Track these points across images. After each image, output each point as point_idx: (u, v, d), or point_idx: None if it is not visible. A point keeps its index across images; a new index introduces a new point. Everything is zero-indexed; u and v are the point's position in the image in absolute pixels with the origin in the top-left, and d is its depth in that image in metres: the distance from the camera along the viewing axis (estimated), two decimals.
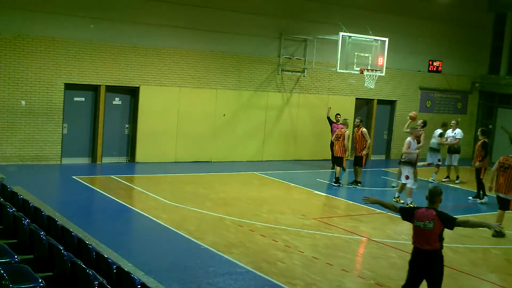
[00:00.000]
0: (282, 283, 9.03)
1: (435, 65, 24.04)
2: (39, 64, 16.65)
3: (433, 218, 7.48)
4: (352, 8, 21.41)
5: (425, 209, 7.64)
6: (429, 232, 7.48)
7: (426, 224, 7.50)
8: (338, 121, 19.79)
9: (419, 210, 7.67)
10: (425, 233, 7.51)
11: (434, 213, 7.51)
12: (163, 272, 9.14)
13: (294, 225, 12.39)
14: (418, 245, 7.62)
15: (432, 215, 7.50)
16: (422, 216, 7.57)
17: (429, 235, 7.49)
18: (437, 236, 7.53)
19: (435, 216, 7.48)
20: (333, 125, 19.75)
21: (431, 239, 7.50)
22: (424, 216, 7.55)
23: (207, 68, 19.31)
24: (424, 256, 7.60)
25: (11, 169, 15.73)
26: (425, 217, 7.53)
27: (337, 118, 19.73)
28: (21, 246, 7.41)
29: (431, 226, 7.47)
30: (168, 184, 15.89)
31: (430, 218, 7.49)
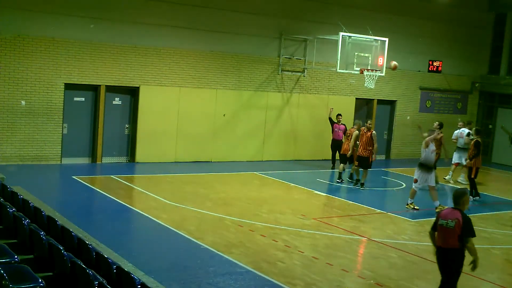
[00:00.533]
0: (282, 283, 9.03)
1: (435, 65, 24.04)
2: (39, 64, 16.65)
3: (456, 218, 7.75)
4: (352, 8, 21.41)
5: (451, 209, 7.95)
6: (451, 231, 7.75)
7: (448, 223, 7.80)
8: (340, 121, 19.77)
9: (444, 211, 8.06)
10: (447, 232, 7.79)
11: (459, 215, 7.79)
12: (163, 272, 9.14)
13: (294, 225, 12.39)
14: (441, 243, 7.93)
15: (455, 216, 7.79)
16: (446, 215, 7.89)
17: (451, 233, 7.76)
18: (458, 236, 7.76)
19: (460, 218, 7.75)
20: (334, 125, 19.75)
21: (451, 238, 7.76)
22: (448, 215, 7.86)
23: (207, 68, 19.31)
24: (446, 254, 7.89)
25: (11, 169, 15.73)
26: (449, 216, 7.83)
27: (339, 118, 19.70)
28: (21, 246, 7.40)
29: (452, 225, 7.74)
30: (168, 184, 15.89)
31: (453, 217, 7.78)
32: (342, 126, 19.79)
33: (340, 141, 19.66)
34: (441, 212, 8.03)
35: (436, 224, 8.03)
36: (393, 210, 14.68)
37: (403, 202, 15.43)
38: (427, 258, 10.91)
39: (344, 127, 19.84)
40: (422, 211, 14.71)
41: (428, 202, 15.05)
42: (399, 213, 14.19)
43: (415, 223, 13.52)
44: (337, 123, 19.67)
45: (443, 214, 7.94)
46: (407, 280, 9.69)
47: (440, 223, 7.89)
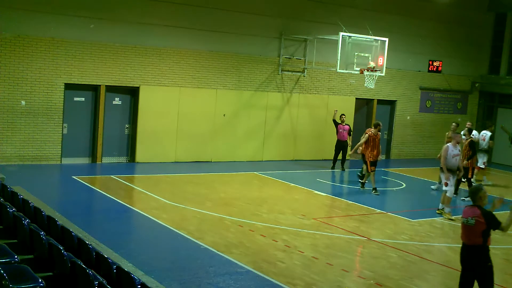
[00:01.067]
0: (282, 283, 9.03)
1: (435, 65, 24.06)
2: (39, 64, 16.66)
3: (475, 215, 7.81)
4: (352, 8, 21.41)
5: (469, 206, 8.05)
6: (472, 228, 7.84)
7: (468, 220, 7.88)
8: (343, 121, 19.68)
9: (464, 208, 8.13)
10: (468, 229, 7.89)
11: (479, 212, 7.84)
12: (163, 272, 9.14)
13: (294, 225, 12.39)
14: (464, 240, 8.04)
15: (475, 213, 7.84)
16: (466, 212, 7.99)
17: (472, 231, 7.84)
18: (480, 233, 7.81)
19: (480, 214, 7.80)
20: (338, 126, 19.63)
21: (472, 235, 7.85)
22: (467, 213, 7.94)
23: (207, 68, 19.31)
24: (468, 251, 7.97)
25: (11, 169, 15.73)
26: (468, 214, 7.91)
27: (342, 118, 19.63)
28: (21, 246, 7.40)
29: (472, 222, 7.82)
30: (168, 184, 15.89)
31: (472, 215, 7.84)
32: (347, 126, 19.68)
33: (345, 142, 19.54)
34: (463, 210, 8.14)
35: None
36: (393, 210, 14.68)
37: (403, 202, 15.45)
38: (427, 258, 10.92)
39: (349, 127, 19.76)
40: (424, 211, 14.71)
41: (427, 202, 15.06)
42: (399, 213, 14.19)
43: (415, 223, 13.51)
44: (341, 123, 19.60)
45: (463, 211, 8.06)
46: (407, 280, 9.69)
47: (462, 220, 8.02)
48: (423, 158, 24.50)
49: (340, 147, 19.65)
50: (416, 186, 18.42)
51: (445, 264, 10.64)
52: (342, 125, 19.60)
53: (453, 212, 14.04)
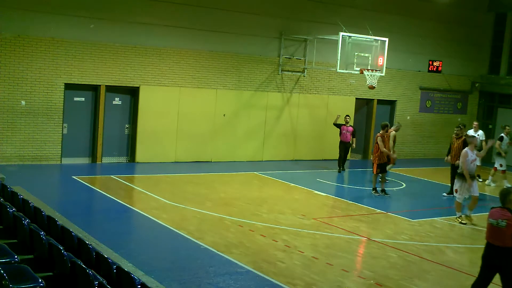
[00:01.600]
0: (282, 283, 9.03)
1: (435, 65, 24.06)
2: (39, 64, 16.66)
3: (506, 217, 8.00)
4: (352, 8, 21.41)
5: (499, 208, 8.17)
6: (503, 230, 8.01)
7: (498, 223, 8.06)
8: (348, 122, 19.44)
9: (494, 209, 8.25)
10: (498, 231, 8.06)
11: (509, 214, 8.02)
12: (163, 272, 9.14)
13: (294, 225, 12.39)
14: (491, 241, 8.20)
15: (506, 215, 8.03)
16: (494, 214, 8.16)
17: (502, 233, 8.01)
18: (510, 235, 8.01)
19: (510, 217, 7.99)
20: (342, 127, 19.44)
21: (503, 237, 8.02)
22: (496, 214, 8.13)
23: (207, 68, 19.31)
24: (496, 251, 8.14)
25: (11, 169, 15.73)
26: (497, 216, 8.10)
27: (347, 119, 19.44)
28: (21, 246, 7.40)
29: (503, 224, 8.00)
30: (168, 184, 15.89)
31: (503, 217, 8.03)
32: (350, 128, 19.41)
33: (348, 143, 19.36)
34: (490, 211, 8.28)
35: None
36: (393, 210, 14.68)
37: (403, 202, 15.46)
38: (427, 258, 10.92)
39: (353, 129, 19.48)
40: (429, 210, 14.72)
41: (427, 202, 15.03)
42: (399, 213, 14.19)
43: (415, 223, 13.51)
44: (345, 124, 19.37)
45: (491, 213, 8.22)
46: (406, 280, 9.69)
47: (489, 222, 8.17)
48: (423, 158, 24.51)
49: (344, 148, 19.47)
50: (416, 186, 18.42)
51: (445, 264, 10.64)
52: (346, 126, 19.35)
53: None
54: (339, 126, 19.59)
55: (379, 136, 16.08)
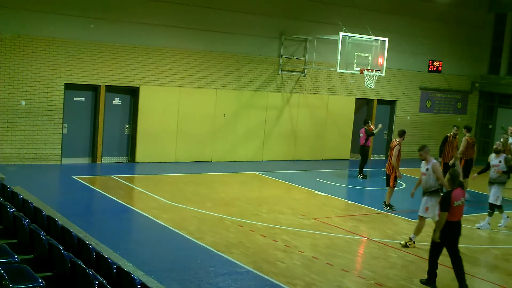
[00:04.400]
0: (282, 283, 9.03)
1: (435, 65, 24.05)
2: (39, 64, 16.66)
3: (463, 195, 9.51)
4: (352, 8, 21.39)
5: (456, 189, 9.38)
6: (463, 207, 9.53)
7: (463, 201, 9.43)
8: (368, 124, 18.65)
9: (454, 192, 9.32)
10: (462, 208, 9.48)
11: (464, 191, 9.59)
12: (163, 272, 9.14)
13: (294, 225, 12.39)
14: (460, 218, 9.45)
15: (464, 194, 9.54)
16: (458, 195, 9.37)
17: (463, 208, 9.55)
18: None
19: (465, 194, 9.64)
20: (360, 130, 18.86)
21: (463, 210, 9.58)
22: (460, 195, 9.41)
23: (207, 68, 19.31)
24: (460, 225, 9.54)
25: (11, 169, 15.73)
26: (461, 195, 9.44)
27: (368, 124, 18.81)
28: (21, 246, 7.40)
29: (464, 200, 9.49)
30: (168, 184, 15.88)
31: (464, 195, 9.54)
32: (362, 129, 18.76)
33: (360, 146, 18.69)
34: (452, 195, 9.22)
35: (450, 205, 9.18)
36: (393, 210, 14.65)
37: (403, 202, 15.41)
38: (427, 258, 10.90)
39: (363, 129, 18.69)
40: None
41: None
42: (399, 213, 14.18)
43: (415, 223, 13.48)
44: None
45: (455, 196, 9.24)
46: (406, 280, 9.69)
47: (457, 204, 9.25)
48: None
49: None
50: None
51: (445, 264, 10.63)
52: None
53: None
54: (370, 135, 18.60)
55: (398, 145, 14.62)
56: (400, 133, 15.08)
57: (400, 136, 14.97)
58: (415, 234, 11.56)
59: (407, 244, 11.40)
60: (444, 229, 9.23)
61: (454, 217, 9.28)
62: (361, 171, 18.68)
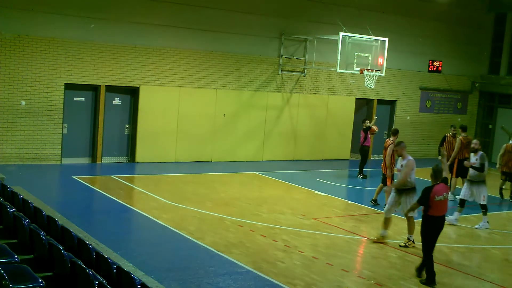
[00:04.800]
0: (282, 283, 9.03)
1: (435, 65, 24.07)
2: (39, 64, 16.66)
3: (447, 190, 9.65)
4: (352, 8, 21.40)
5: (437, 185, 9.55)
6: (447, 201, 9.66)
7: (445, 196, 9.55)
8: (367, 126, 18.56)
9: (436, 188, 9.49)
10: (446, 203, 9.65)
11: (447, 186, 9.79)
12: (163, 272, 9.14)
13: (294, 225, 12.39)
14: (441, 213, 9.59)
15: (446, 188, 9.65)
16: (440, 191, 9.52)
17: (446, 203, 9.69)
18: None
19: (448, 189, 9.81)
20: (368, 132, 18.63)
21: (447, 205, 9.70)
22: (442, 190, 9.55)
23: (207, 68, 19.31)
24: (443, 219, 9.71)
25: (11, 169, 15.73)
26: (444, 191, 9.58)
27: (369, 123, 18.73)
28: (21, 246, 7.40)
29: (447, 196, 9.61)
30: (168, 184, 15.89)
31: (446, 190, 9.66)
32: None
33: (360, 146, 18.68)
34: (433, 190, 9.42)
35: (431, 200, 9.39)
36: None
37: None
38: None
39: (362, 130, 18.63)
40: None
41: None
42: (399, 213, 14.17)
43: (415, 223, 13.48)
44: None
45: (437, 191, 9.43)
46: (407, 280, 9.69)
47: (439, 199, 9.41)
48: (423, 158, 24.48)
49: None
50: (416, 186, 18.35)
51: (445, 264, 10.64)
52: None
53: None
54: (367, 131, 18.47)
55: (392, 144, 14.09)
56: (394, 132, 15.06)
57: (394, 135, 14.88)
58: (410, 233, 11.52)
59: (406, 244, 11.40)
60: (425, 223, 9.53)
61: (435, 211, 9.44)
62: (361, 171, 18.71)
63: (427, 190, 9.47)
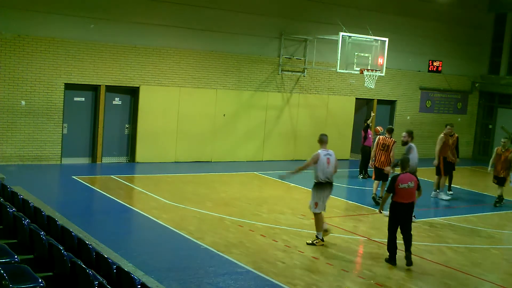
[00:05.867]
0: (282, 283, 9.03)
1: (435, 65, 24.06)
2: (39, 64, 16.66)
3: (413, 179, 10.37)
4: (352, 8, 21.41)
5: (403, 174, 10.36)
6: (412, 190, 10.36)
7: (409, 185, 10.27)
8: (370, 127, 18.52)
9: (401, 176, 10.30)
10: (410, 191, 10.31)
11: (414, 177, 10.47)
12: (163, 272, 9.14)
13: (294, 225, 12.39)
14: (404, 200, 10.27)
15: (412, 178, 10.38)
16: (405, 179, 10.28)
17: (412, 191, 10.37)
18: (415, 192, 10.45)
19: (415, 179, 10.44)
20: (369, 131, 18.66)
21: (413, 195, 10.40)
22: (407, 179, 10.30)
23: (207, 68, 19.31)
24: (408, 207, 10.38)
25: (11, 169, 15.73)
26: (408, 180, 10.30)
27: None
28: (21, 246, 7.40)
29: (412, 185, 10.34)
30: (168, 184, 15.88)
31: (411, 179, 10.35)
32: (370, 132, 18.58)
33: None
34: (399, 178, 10.22)
35: (396, 187, 10.18)
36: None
37: None
38: (427, 258, 10.92)
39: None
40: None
41: (427, 202, 15.00)
42: None
43: (415, 223, 13.49)
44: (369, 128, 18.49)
45: (401, 179, 10.22)
46: (407, 280, 9.69)
47: (402, 186, 10.19)
48: (423, 158, 24.46)
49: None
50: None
51: (445, 264, 10.64)
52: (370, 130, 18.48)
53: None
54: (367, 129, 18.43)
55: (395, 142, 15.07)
56: (390, 130, 15.63)
57: (390, 132, 15.50)
58: (318, 231, 11.13)
59: (313, 242, 11.04)
60: (391, 208, 10.42)
61: (399, 198, 10.23)
62: (361, 171, 18.70)
63: (393, 178, 10.36)
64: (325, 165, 11.16)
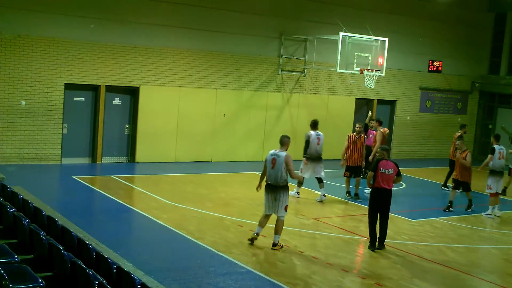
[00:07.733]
0: (282, 283, 9.03)
1: (435, 65, 24.05)
2: (39, 64, 16.66)
3: (392, 167, 11.01)
4: (352, 8, 21.41)
5: (385, 161, 11.04)
6: (391, 176, 11.02)
7: (389, 171, 10.95)
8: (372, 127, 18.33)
9: (381, 163, 10.96)
10: (388, 177, 10.98)
11: (393, 164, 11.08)
12: (163, 272, 9.14)
13: (294, 225, 12.39)
14: (383, 186, 10.94)
15: (392, 165, 11.03)
16: (386, 165, 10.97)
17: (391, 178, 11.03)
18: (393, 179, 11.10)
19: (394, 166, 11.04)
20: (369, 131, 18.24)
21: (391, 181, 11.06)
22: (387, 165, 10.98)
23: (207, 68, 19.31)
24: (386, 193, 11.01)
25: (11, 169, 15.73)
26: (388, 166, 10.99)
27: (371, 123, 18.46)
28: (21, 246, 7.40)
29: (391, 172, 11.00)
30: (168, 184, 15.88)
31: (391, 166, 11.02)
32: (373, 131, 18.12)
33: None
34: (381, 162, 10.93)
35: (377, 170, 10.89)
36: (393, 210, 14.62)
37: (402, 202, 15.44)
38: (427, 258, 10.92)
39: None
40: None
41: (428, 202, 14.98)
42: (399, 213, 14.17)
43: (415, 223, 13.52)
44: (370, 128, 18.22)
45: (382, 165, 10.91)
46: (407, 280, 9.69)
47: (383, 171, 10.86)
48: (423, 158, 24.52)
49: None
50: (416, 186, 18.41)
51: (445, 264, 10.64)
52: (371, 130, 18.08)
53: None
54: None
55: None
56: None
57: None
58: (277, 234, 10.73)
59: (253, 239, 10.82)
60: (371, 194, 11.20)
61: (377, 183, 10.89)
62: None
63: (377, 160, 11.10)
64: (269, 166, 11.03)
